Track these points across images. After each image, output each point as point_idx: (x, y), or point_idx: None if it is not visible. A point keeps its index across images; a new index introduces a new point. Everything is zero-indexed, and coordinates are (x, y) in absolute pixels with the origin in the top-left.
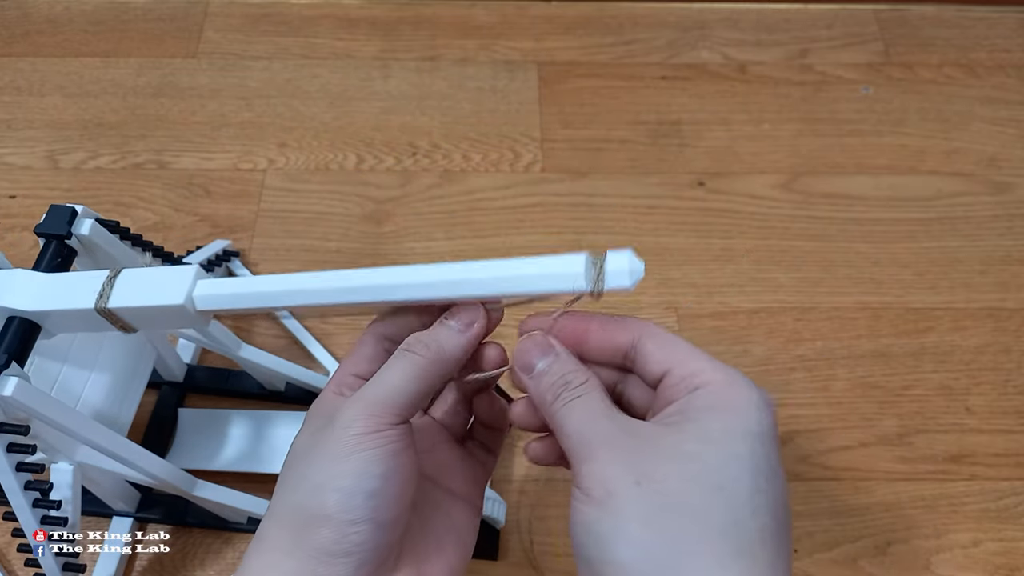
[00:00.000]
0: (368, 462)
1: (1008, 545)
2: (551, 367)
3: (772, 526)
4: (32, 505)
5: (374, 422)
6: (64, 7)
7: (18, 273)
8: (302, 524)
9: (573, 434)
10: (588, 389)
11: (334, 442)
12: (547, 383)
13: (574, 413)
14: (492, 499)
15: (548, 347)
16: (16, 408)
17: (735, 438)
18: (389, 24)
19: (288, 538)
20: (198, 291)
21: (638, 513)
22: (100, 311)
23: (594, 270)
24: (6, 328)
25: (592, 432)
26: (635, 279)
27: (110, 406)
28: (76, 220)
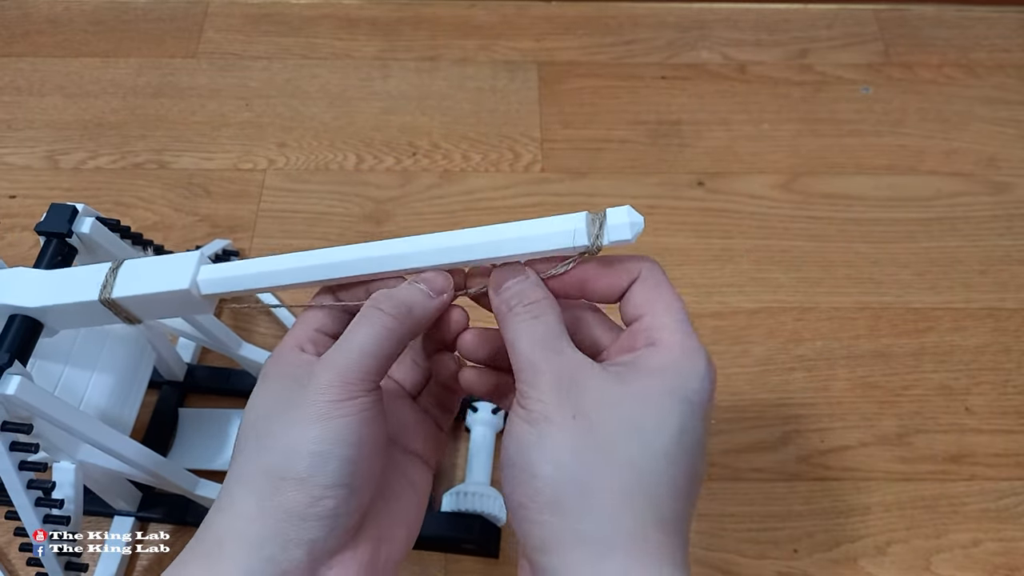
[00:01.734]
0: (343, 429)
1: (1008, 545)
2: (516, 284)
3: (682, 486)
4: (34, 504)
5: (348, 389)
6: (64, 7)
7: (19, 271)
8: (272, 487)
9: (523, 354)
10: (543, 310)
11: (309, 405)
12: (506, 295)
13: (528, 333)
14: (493, 497)
15: (520, 270)
16: (19, 407)
17: (672, 400)
18: (389, 24)
19: (255, 501)
20: (202, 275)
21: (567, 441)
22: (104, 302)
23: (594, 226)
24: (8, 326)
25: (543, 360)
26: (635, 231)
27: (112, 407)
28: (77, 219)
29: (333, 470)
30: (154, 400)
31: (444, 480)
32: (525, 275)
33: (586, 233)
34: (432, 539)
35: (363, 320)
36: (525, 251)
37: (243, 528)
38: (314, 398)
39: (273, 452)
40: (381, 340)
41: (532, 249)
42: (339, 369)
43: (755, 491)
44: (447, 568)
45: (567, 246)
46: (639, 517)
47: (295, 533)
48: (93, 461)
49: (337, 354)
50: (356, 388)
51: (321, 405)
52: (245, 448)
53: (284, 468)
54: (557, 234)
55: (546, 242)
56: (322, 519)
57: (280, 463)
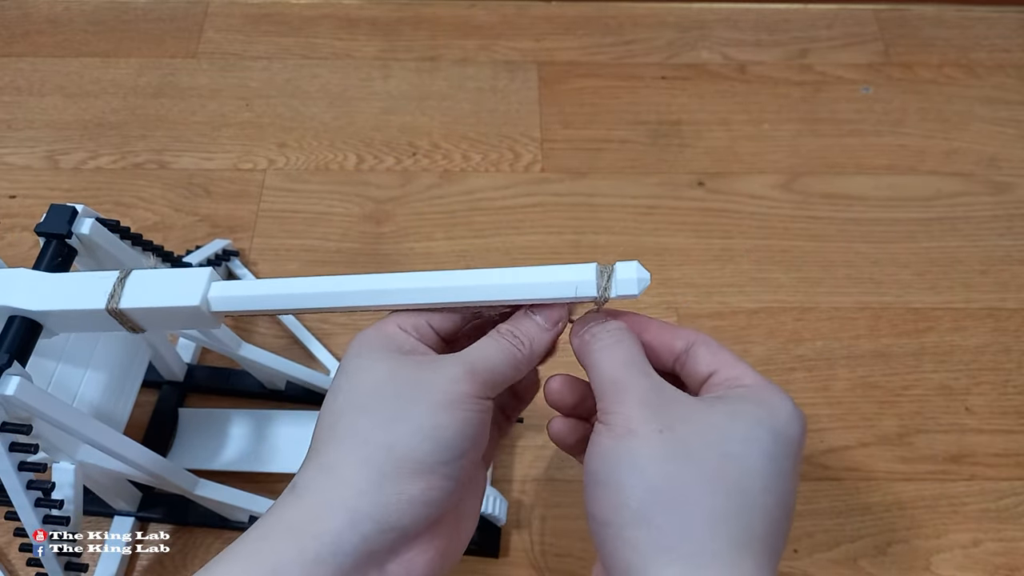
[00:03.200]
0: (468, 423)
1: (1008, 545)
2: (597, 324)
3: (775, 511)
4: (34, 504)
5: (478, 388)
6: (64, 7)
7: (20, 272)
8: (394, 466)
9: (606, 373)
10: (625, 336)
11: (437, 392)
12: (590, 333)
13: (611, 355)
14: (494, 496)
15: (602, 317)
16: (18, 408)
17: (761, 427)
18: (389, 24)
19: (369, 476)
20: (212, 293)
21: (654, 453)
22: (111, 312)
23: (603, 279)
24: (7, 327)
25: (627, 377)
26: (642, 287)
27: (106, 403)
28: (76, 219)
29: (451, 459)
30: (154, 400)
31: None
32: (605, 318)
33: (595, 285)
34: None
35: (492, 341)
36: (533, 296)
37: (351, 501)
38: (446, 386)
39: (397, 430)
40: (507, 363)
41: (540, 296)
42: (472, 367)
43: None
44: None
45: (573, 296)
46: (733, 540)
47: (396, 516)
48: (93, 461)
49: (470, 354)
50: (482, 390)
51: (454, 394)
52: (356, 419)
53: (411, 448)
54: (566, 284)
55: (554, 290)
56: (426, 506)
57: (404, 443)
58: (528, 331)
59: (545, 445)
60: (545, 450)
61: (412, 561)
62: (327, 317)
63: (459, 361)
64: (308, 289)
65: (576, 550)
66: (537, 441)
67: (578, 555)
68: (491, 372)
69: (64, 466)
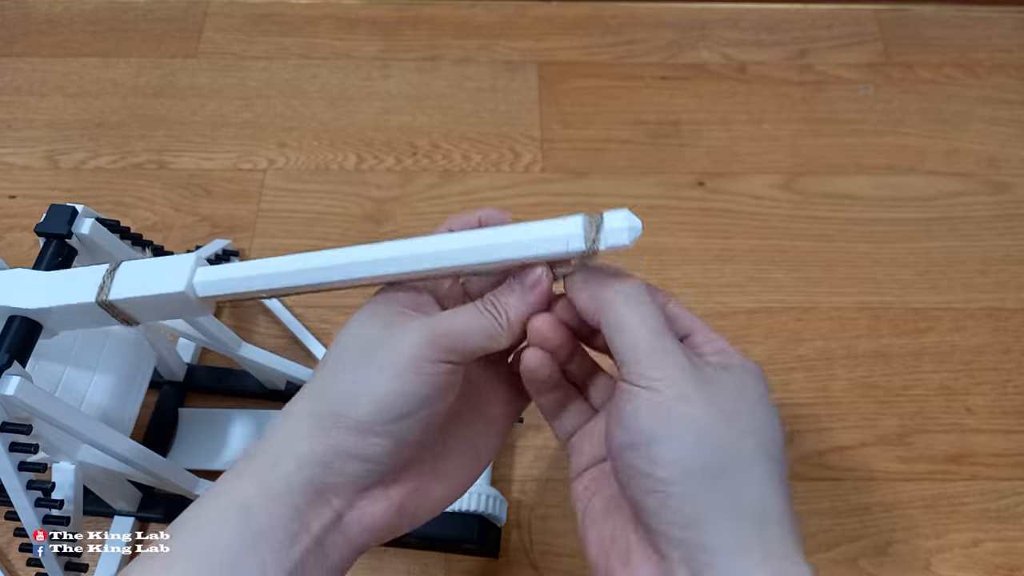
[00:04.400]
0: (415, 385)
1: (1008, 545)
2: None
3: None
4: (34, 505)
5: (438, 352)
6: (64, 7)
7: (18, 272)
8: (331, 421)
9: (644, 337)
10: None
11: (393, 353)
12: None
13: (645, 316)
14: (493, 496)
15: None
16: (18, 407)
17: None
18: (389, 24)
19: (311, 428)
20: (198, 278)
21: (708, 421)
22: (102, 304)
23: (591, 230)
24: (7, 328)
25: (668, 344)
26: (633, 236)
27: (113, 407)
28: (76, 219)
29: (387, 420)
30: (154, 400)
31: None
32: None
33: (583, 237)
34: (432, 539)
35: (470, 310)
36: (519, 255)
37: (296, 447)
38: (402, 349)
39: (340, 388)
40: (480, 332)
41: (527, 254)
42: (434, 332)
43: None
44: (447, 568)
45: (562, 251)
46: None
47: (338, 465)
48: (93, 461)
49: (438, 319)
50: (443, 355)
51: (405, 357)
52: (321, 374)
53: (346, 406)
54: (553, 238)
55: (542, 246)
56: (366, 461)
57: (343, 401)
58: (505, 299)
59: (545, 445)
60: (545, 450)
61: (364, 509)
62: (327, 316)
63: (424, 324)
64: (293, 267)
65: (576, 550)
66: (537, 441)
67: (578, 555)
68: (457, 337)
69: (64, 466)
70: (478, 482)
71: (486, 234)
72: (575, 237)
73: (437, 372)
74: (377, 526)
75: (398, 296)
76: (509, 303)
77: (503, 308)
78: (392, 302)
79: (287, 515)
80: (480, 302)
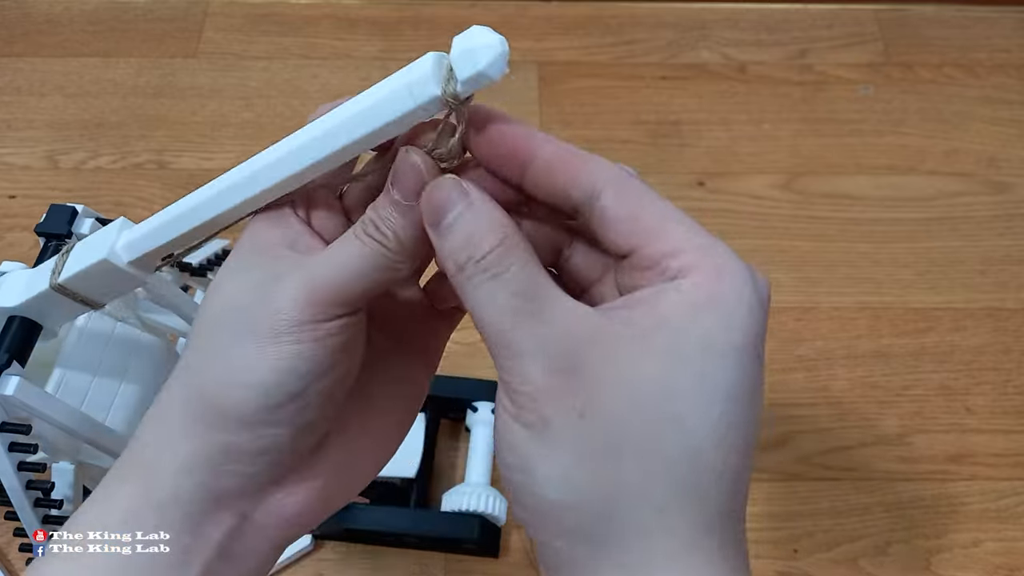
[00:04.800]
0: (302, 356)
1: (1008, 545)
2: (458, 220)
3: (735, 463)
4: (34, 505)
5: (320, 309)
6: (64, 7)
7: (17, 273)
8: (205, 414)
9: (494, 329)
10: (505, 259)
11: (264, 322)
12: (452, 244)
13: (492, 302)
14: (494, 496)
15: (459, 191)
16: (17, 407)
17: (713, 355)
18: (389, 24)
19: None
20: (122, 240)
21: (578, 450)
22: (55, 288)
23: (444, 68)
24: (7, 328)
25: (523, 335)
26: (492, 59)
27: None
28: (76, 219)
29: (275, 407)
30: None
31: (444, 480)
32: (468, 200)
33: (434, 79)
34: (432, 539)
35: (348, 240)
36: (365, 131)
37: (176, 448)
38: (274, 314)
39: (212, 372)
40: (369, 265)
41: (372, 127)
42: (316, 281)
43: (755, 491)
44: (447, 568)
45: (413, 107)
46: (683, 530)
47: (229, 466)
48: (93, 461)
49: (320, 261)
50: (328, 311)
51: (279, 325)
52: (190, 349)
53: (220, 395)
54: (395, 93)
55: (385, 109)
56: (261, 455)
57: (216, 389)
58: (385, 214)
59: None
60: None
61: (278, 502)
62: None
63: (299, 276)
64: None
65: None
66: None
67: None
68: (342, 283)
69: (64, 466)
70: (477, 482)
71: (322, 121)
72: (423, 81)
73: (328, 333)
74: (299, 516)
75: (264, 234)
76: (391, 216)
77: (387, 224)
78: (258, 243)
79: (178, 528)
80: (357, 227)
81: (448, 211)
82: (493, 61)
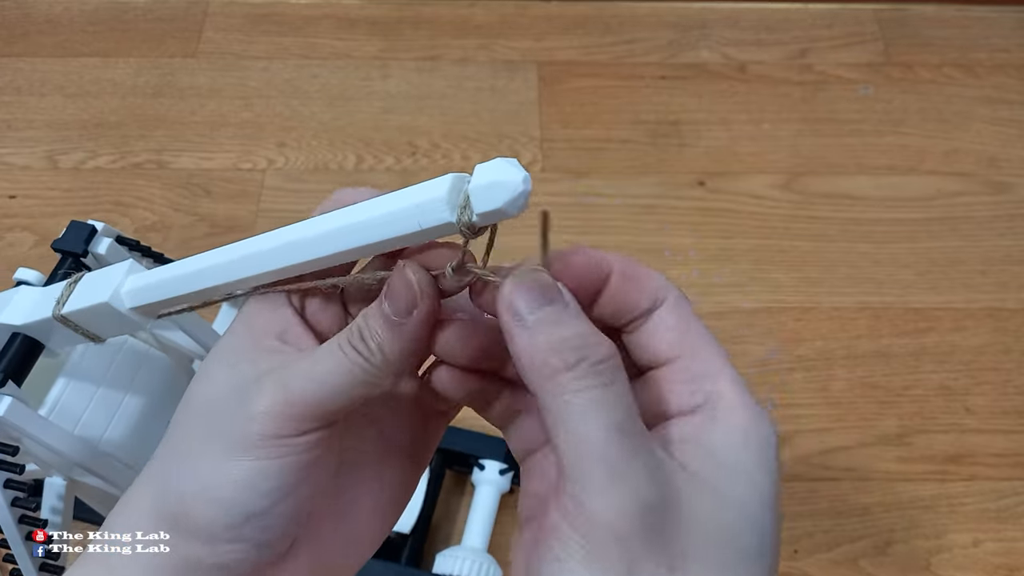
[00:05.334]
0: (270, 472)
1: (1008, 545)
2: (558, 321)
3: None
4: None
5: (294, 423)
6: (64, 7)
7: (22, 290)
8: (170, 520)
9: (590, 442)
10: (614, 372)
11: (236, 430)
12: (549, 342)
13: (598, 406)
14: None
15: (554, 291)
16: (8, 428)
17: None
18: (389, 24)
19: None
20: (127, 286)
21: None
22: (57, 318)
23: (463, 194)
24: (8, 345)
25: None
26: (511, 197)
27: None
28: (95, 238)
29: (235, 524)
30: None
31: (441, 537)
32: (563, 303)
33: (447, 204)
34: None
35: (328, 350)
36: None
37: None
38: (244, 424)
39: (179, 479)
40: (347, 381)
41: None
42: (292, 394)
43: None
44: None
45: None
46: None
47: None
48: (85, 480)
49: (298, 372)
50: (301, 425)
51: (251, 438)
52: (164, 448)
53: (184, 505)
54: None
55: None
56: (223, 570)
57: (180, 498)
58: (374, 325)
59: None
60: None
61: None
62: None
63: (275, 386)
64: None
65: None
66: None
67: None
68: (320, 398)
69: (56, 481)
70: (474, 547)
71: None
72: (436, 205)
73: (299, 449)
74: None
75: (257, 318)
76: (379, 330)
77: (373, 338)
78: (251, 328)
79: None
80: (343, 335)
81: (556, 300)
82: (514, 200)
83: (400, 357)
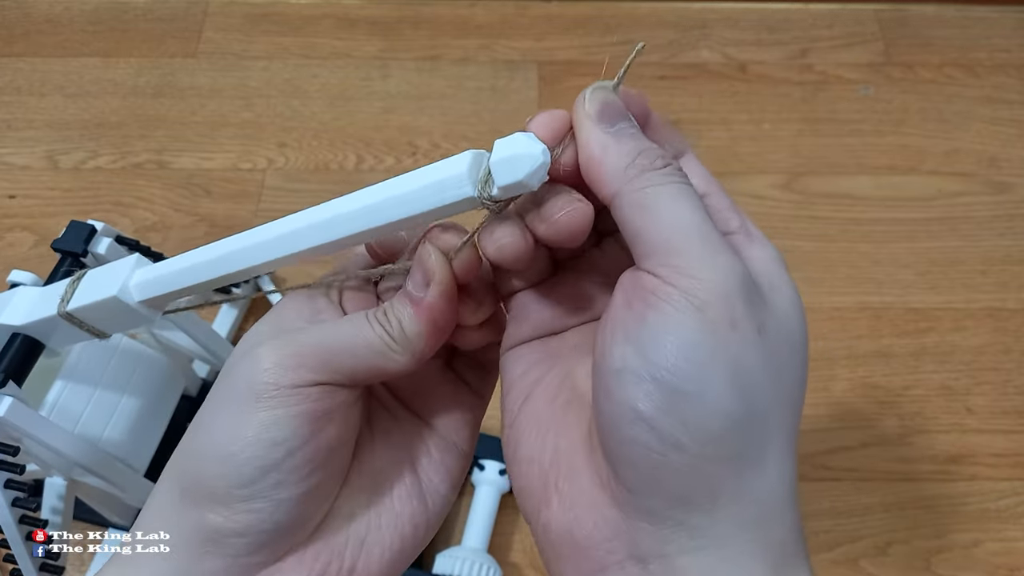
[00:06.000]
0: (275, 424)
1: (1008, 545)
2: (636, 135)
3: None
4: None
5: (302, 372)
6: (64, 7)
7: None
8: (181, 494)
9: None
10: (687, 179)
11: (241, 385)
12: (635, 146)
13: (689, 202)
14: (488, 564)
15: (626, 113)
16: (8, 428)
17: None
18: (389, 24)
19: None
20: (135, 279)
21: (756, 362)
22: (63, 315)
23: (483, 169)
24: (8, 345)
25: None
26: (533, 168)
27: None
28: (95, 238)
29: (248, 479)
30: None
31: (441, 537)
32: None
33: (468, 180)
34: None
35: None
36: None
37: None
38: (249, 377)
39: (195, 444)
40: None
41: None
42: (298, 346)
43: None
44: None
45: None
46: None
47: (213, 547)
48: (86, 480)
49: (310, 331)
50: (312, 376)
51: (255, 390)
52: (193, 423)
53: (197, 469)
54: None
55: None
56: (241, 536)
57: (195, 464)
58: (398, 304)
59: None
60: None
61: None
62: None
63: (285, 339)
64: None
65: None
66: None
67: None
68: (334, 352)
69: (57, 481)
70: (475, 548)
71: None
72: (458, 181)
73: (311, 398)
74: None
75: (289, 305)
76: (401, 307)
77: (395, 313)
78: (281, 315)
79: None
80: (372, 310)
81: (629, 118)
82: (534, 172)
83: (417, 336)
